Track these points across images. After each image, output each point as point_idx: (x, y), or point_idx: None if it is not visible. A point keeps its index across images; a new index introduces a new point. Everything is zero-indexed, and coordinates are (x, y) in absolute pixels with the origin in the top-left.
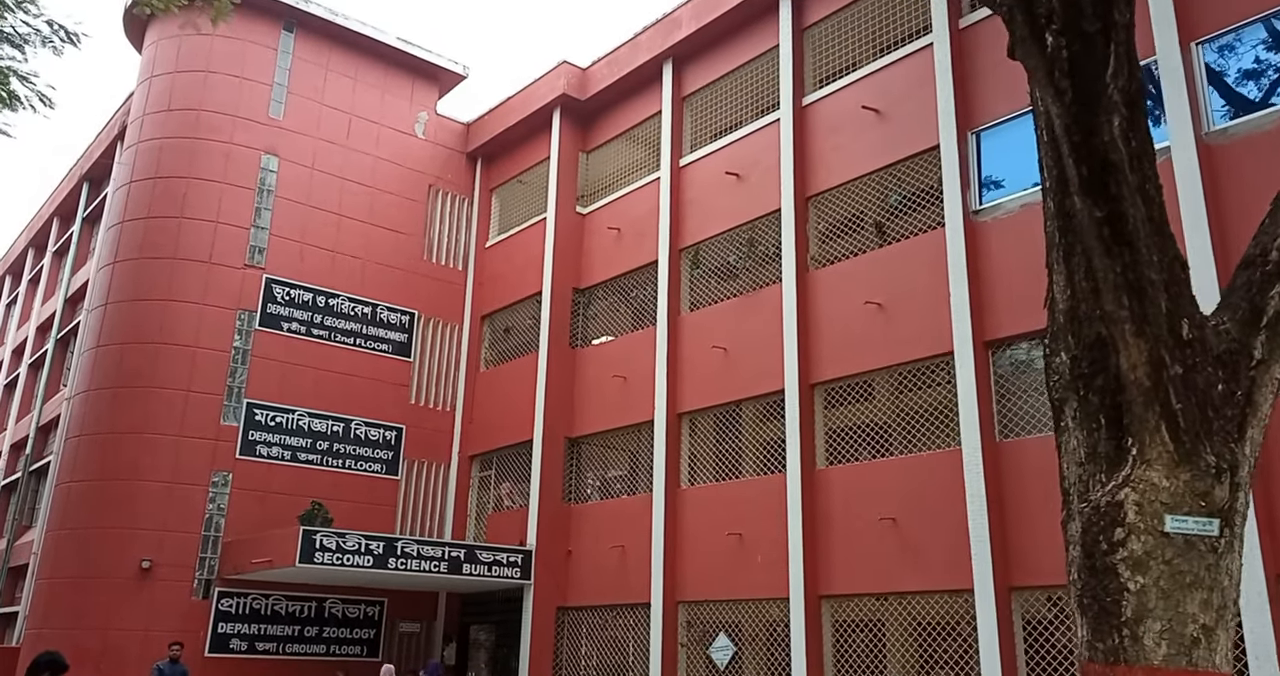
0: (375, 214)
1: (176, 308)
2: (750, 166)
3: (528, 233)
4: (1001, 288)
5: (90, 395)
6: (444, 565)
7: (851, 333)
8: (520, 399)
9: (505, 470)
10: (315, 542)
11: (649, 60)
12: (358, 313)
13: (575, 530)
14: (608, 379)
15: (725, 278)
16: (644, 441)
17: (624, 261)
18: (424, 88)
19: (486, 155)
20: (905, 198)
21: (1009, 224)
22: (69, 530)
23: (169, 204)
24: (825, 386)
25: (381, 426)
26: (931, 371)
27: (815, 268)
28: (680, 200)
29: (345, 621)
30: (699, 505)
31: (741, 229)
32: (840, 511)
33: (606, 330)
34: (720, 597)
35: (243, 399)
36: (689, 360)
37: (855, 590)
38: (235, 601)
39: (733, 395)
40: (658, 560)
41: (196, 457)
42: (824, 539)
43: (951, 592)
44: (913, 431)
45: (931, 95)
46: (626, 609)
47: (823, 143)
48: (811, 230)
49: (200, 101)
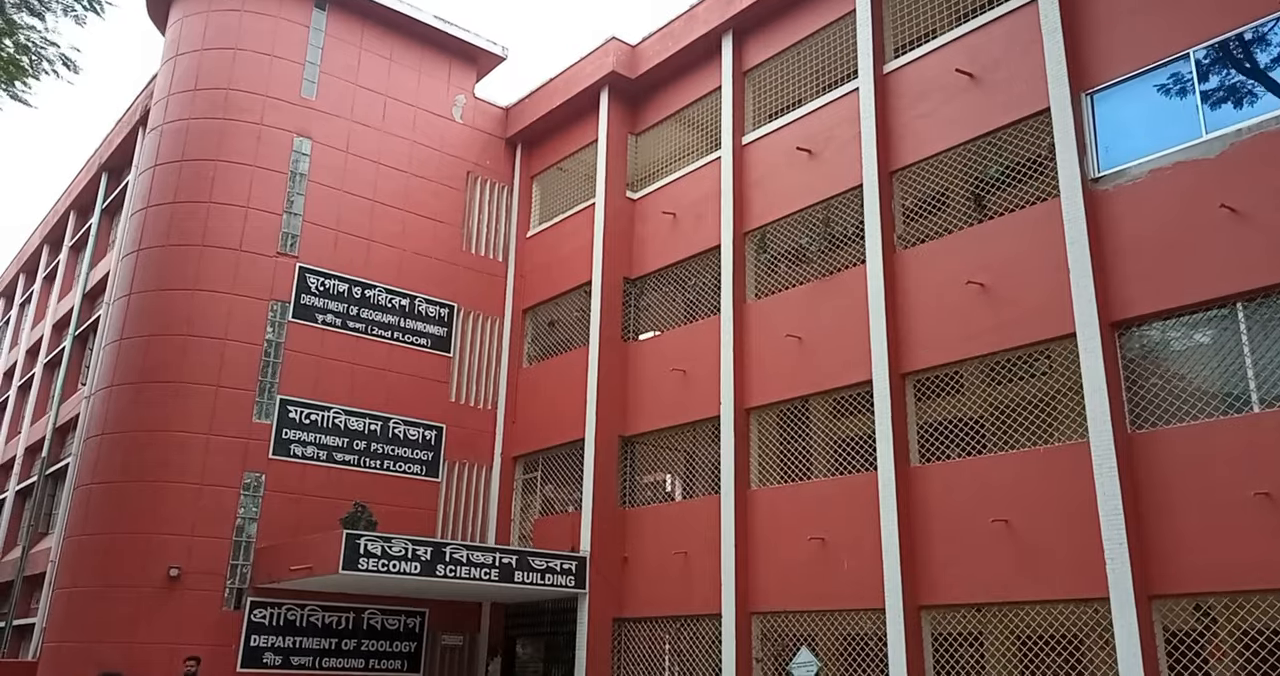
0: (412, 201)
1: (205, 297)
2: (824, 142)
3: (573, 221)
4: (1129, 262)
5: (113, 391)
6: (495, 572)
7: (949, 316)
8: (568, 396)
9: (552, 472)
10: (359, 548)
11: (707, 33)
12: (395, 305)
13: (631, 535)
14: (665, 373)
15: (796, 262)
16: (706, 440)
17: (680, 248)
18: (461, 69)
19: (527, 140)
20: (1008, 168)
21: (1135, 191)
22: (90, 536)
23: (197, 188)
24: (918, 376)
25: (421, 425)
26: (1047, 357)
27: (903, 247)
28: (744, 181)
29: (385, 634)
30: (772, 508)
31: (815, 209)
32: (941, 513)
33: (660, 322)
34: (799, 608)
35: (275, 395)
36: (757, 351)
37: (960, 599)
38: (269, 612)
39: (808, 388)
40: (728, 568)
41: (227, 457)
42: (923, 544)
43: (1078, 602)
44: (1024, 424)
45: (1036, 56)
46: (691, 620)
47: (908, 112)
48: (897, 207)
49: (229, 80)
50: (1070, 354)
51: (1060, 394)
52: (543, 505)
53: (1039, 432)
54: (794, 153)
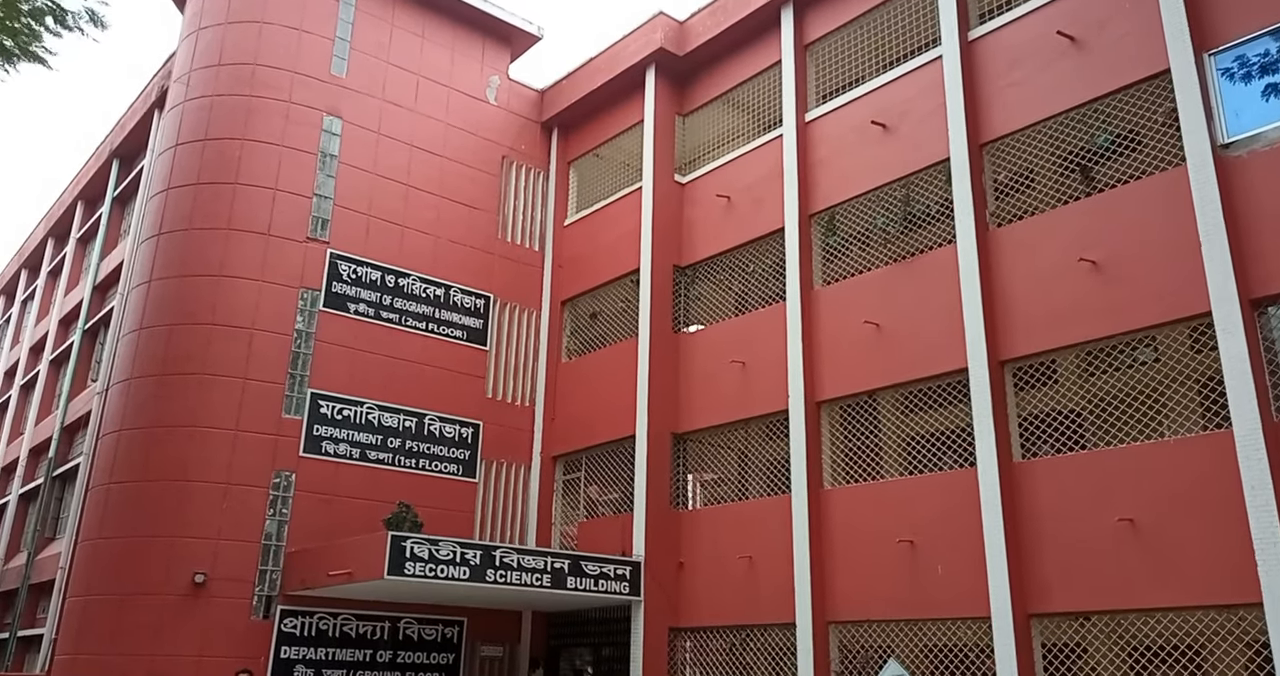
0: (446, 186)
1: (231, 284)
2: (900, 115)
3: (615, 207)
4: (1268, 233)
5: (132, 384)
6: (547, 578)
7: (1055, 298)
8: (613, 392)
9: (596, 472)
10: (405, 551)
11: (763, 5)
12: (430, 294)
13: (687, 539)
14: (721, 366)
15: (870, 244)
16: (765, 436)
17: (736, 233)
18: (495, 49)
19: (564, 124)
20: (1117, 137)
21: (1271, 158)
22: (108, 539)
23: (222, 168)
24: (1018, 364)
25: (457, 422)
26: (1151, 344)
27: (996, 225)
28: (809, 160)
29: (422, 644)
30: (850, 508)
31: (891, 187)
32: (1052, 513)
33: (712, 312)
34: (884, 617)
35: (306, 389)
36: (828, 340)
37: (1076, 607)
38: (300, 621)
39: (889, 378)
40: (802, 573)
41: (256, 455)
42: (1032, 547)
43: (1221, 609)
44: (1138, 414)
45: (1149, 14)
46: (759, 631)
47: (998, 81)
48: (988, 182)
49: (255, 55)
50: (1180, 338)
51: (1168, 383)
52: (586, 507)
53: (1172, 421)
54: (866, 128)
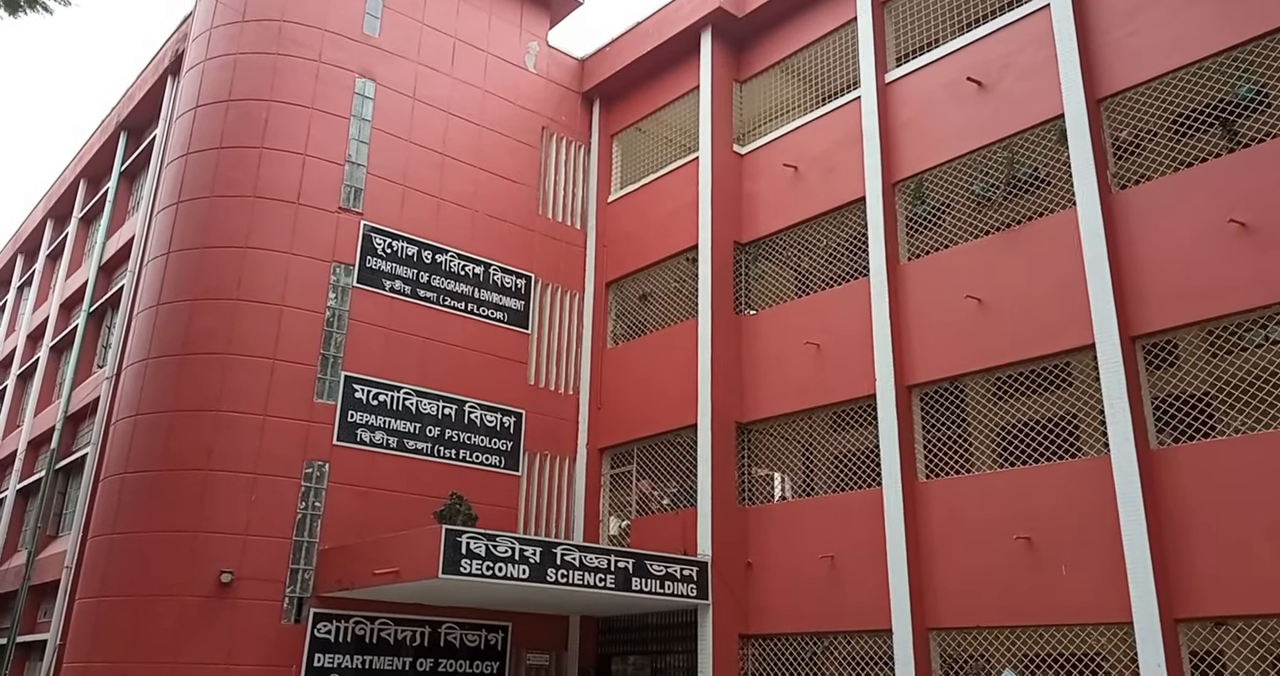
0: (484, 157)
1: (258, 256)
2: (999, 71)
3: (665, 181)
4: None
5: (149, 365)
6: (610, 579)
7: (1196, 266)
8: (669, 378)
9: (649, 465)
10: (461, 547)
11: None
12: (469, 272)
13: (755, 537)
14: (791, 349)
15: (966, 213)
16: (839, 425)
17: (806, 206)
18: (535, 13)
19: (606, 95)
20: (1264, 86)
21: None
22: (123, 535)
23: (247, 131)
24: (1150, 339)
25: (499, 410)
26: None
27: (1118, 187)
28: (890, 124)
29: (464, 652)
30: (951, 502)
31: (990, 149)
32: (1202, 506)
33: (777, 292)
34: (995, 624)
35: (340, 371)
36: (919, 318)
37: (1231, 610)
38: (335, 626)
39: (995, 358)
40: (898, 575)
41: (286, 442)
42: (1177, 543)
43: None
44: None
45: None
46: (845, 638)
47: (1116, 31)
48: (1107, 140)
49: (283, 11)
50: None
51: None
52: (639, 502)
53: None
54: (959, 86)
